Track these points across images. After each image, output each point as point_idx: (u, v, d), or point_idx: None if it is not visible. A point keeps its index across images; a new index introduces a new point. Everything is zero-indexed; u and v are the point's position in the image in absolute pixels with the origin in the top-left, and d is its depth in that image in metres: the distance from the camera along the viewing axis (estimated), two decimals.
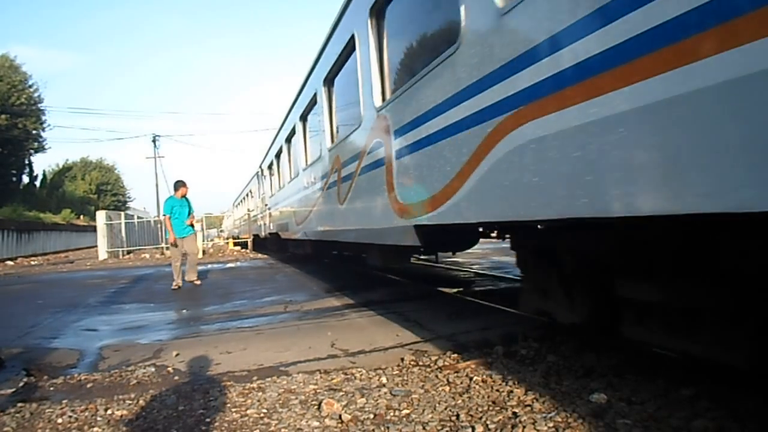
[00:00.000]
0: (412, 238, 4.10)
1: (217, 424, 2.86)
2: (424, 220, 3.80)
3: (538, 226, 3.76)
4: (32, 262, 23.01)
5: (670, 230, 2.45)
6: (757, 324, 2.29)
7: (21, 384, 3.78)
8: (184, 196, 9.34)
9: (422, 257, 11.72)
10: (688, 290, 2.54)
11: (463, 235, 4.90)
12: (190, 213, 9.40)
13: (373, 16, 4.77)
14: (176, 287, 9.07)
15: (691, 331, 2.61)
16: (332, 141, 6.91)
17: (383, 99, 4.72)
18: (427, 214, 3.72)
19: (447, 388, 3.19)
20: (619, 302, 2.98)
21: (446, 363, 3.71)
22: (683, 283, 2.54)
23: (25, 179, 42.87)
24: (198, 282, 9.42)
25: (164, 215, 9.39)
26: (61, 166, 56.53)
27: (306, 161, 8.90)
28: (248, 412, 3.01)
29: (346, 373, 3.64)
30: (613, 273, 2.97)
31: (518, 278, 7.67)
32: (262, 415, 2.96)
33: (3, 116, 34.89)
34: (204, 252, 20.16)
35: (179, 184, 9.40)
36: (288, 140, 10.93)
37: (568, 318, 3.64)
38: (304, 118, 8.96)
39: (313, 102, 7.91)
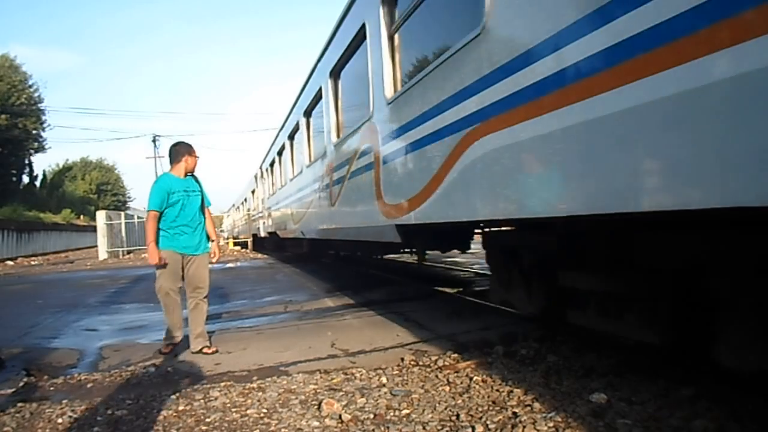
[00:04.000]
0: None
1: (217, 424, 2.86)
2: None
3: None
4: (32, 262, 23.01)
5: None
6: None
7: (21, 384, 3.78)
8: (190, 172, 4.68)
9: None
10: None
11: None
12: (202, 206, 4.72)
13: None
14: (168, 350, 4.55)
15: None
16: None
17: None
18: None
19: (447, 388, 3.19)
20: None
21: (446, 363, 3.72)
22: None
23: (25, 179, 42.85)
24: (212, 350, 4.54)
25: (149, 210, 4.45)
26: (61, 166, 56.49)
27: None
28: (248, 412, 3.01)
29: (346, 373, 3.64)
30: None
31: None
32: (262, 415, 2.96)
33: (3, 116, 34.88)
34: None
35: (180, 151, 4.63)
36: None
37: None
38: None
39: None
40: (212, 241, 4.77)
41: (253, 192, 21.31)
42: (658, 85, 1.70)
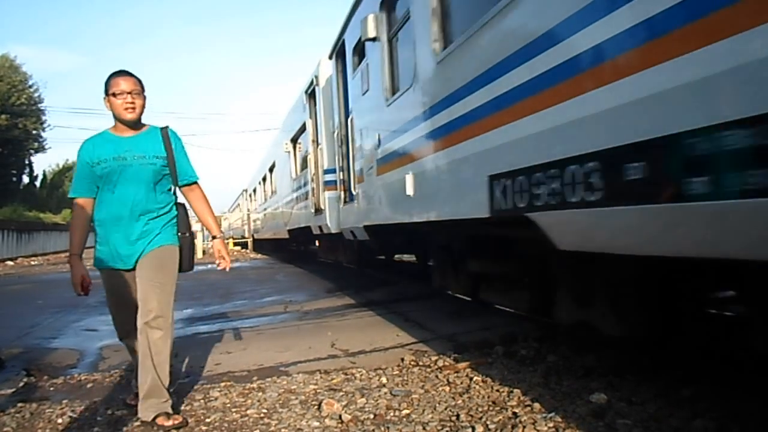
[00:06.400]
0: None
1: (217, 424, 2.86)
2: None
3: None
4: (32, 262, 23.02)
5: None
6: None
7: (21, 384, 3.78)
8: (128, 119, 2.65)
9: None
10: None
11: None
12: (174, 179, 2.84)
13: None
14: (135, 401, 2.94)
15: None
16: None
17: None
18: None
19: (447, 388, 3.19)
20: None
21: (446, 363, 3.72)
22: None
23: (25, 179, 42.98)
24: (170, 423, 2.70)
25: (70, 197, 2.91)
26: (61, 166, 56.50)
27: None
28: (248, 412, 3.01)
29: (346, 373, 3.64)
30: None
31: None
32: (262, 415, 2.96)
33: (3, 116, 34.91)
34: (204, 252, 20.07)
35: (116, 81, 2.60)
36: None
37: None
38: None
39: None
40: (216, 238, 3.10)
41: (294, 141, 10.20)
42: None
